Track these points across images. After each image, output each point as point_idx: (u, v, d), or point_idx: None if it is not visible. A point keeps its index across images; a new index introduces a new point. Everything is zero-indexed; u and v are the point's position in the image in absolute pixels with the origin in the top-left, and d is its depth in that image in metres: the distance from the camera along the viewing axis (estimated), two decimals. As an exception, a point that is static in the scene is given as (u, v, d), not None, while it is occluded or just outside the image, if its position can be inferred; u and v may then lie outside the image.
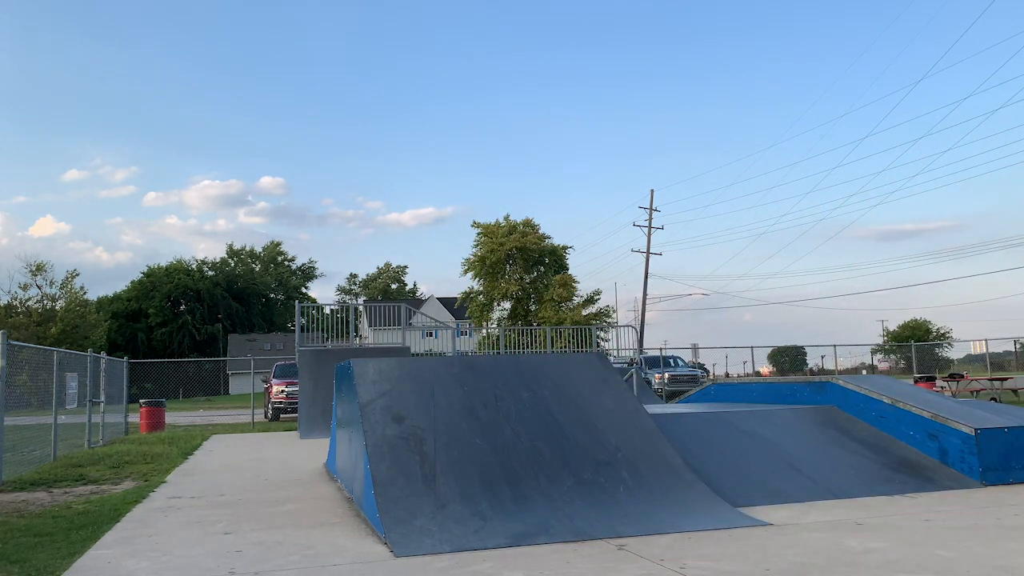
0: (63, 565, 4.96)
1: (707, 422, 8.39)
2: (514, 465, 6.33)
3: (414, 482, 5.96)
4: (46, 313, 47.26)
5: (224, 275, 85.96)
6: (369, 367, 7.35)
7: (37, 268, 48.41)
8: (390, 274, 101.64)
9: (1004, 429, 7.39)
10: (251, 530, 5.94)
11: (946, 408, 7.96)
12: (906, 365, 37.80)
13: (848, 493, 6.84)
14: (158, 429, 18.02)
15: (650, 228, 45.97)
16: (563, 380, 7.56)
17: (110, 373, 16.80)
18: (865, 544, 5.01)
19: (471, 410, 6.91)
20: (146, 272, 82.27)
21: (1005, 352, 39.72)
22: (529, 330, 27.88)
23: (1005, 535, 5.19)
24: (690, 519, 5.81)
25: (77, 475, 9.69)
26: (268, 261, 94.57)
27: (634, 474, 6.46)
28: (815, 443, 8.03)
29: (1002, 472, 7.26)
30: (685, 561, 4.68)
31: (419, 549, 5.10)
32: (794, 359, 55.32)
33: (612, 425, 7.06)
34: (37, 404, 12.41)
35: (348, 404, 7.61)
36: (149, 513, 6.86)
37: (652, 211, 46.09)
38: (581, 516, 5.75)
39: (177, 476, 9.50)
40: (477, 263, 53.65)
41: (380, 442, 6.34)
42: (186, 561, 5.00)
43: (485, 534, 5.40)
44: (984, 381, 21.36)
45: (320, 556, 5.04)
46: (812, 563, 4.57)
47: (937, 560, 4.58)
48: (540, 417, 6.98)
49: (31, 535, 5.94)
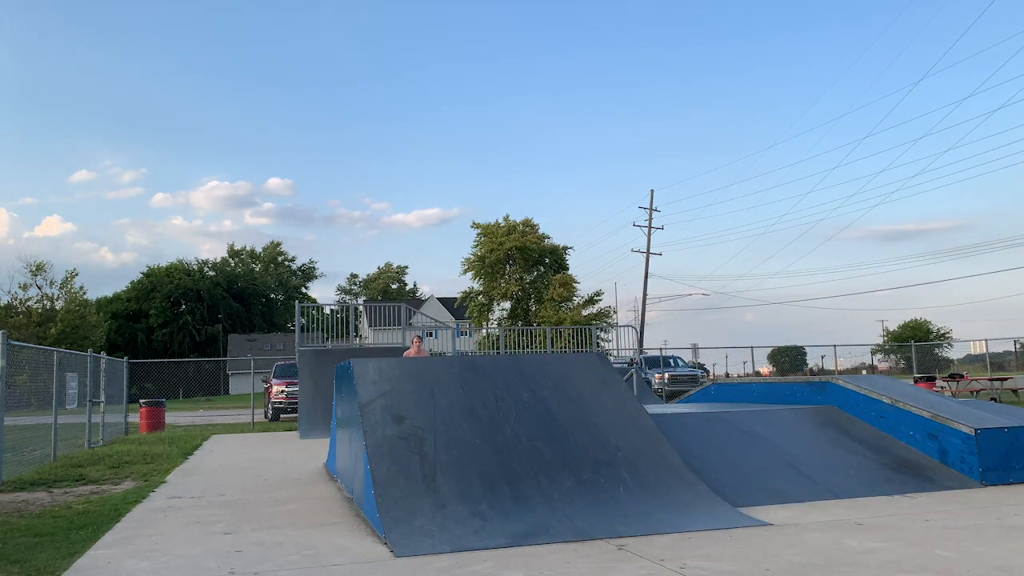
0: (63, 565, 4.96)
1: (707, 422, 8.39)
2: (514, 465, 6.33)
3: (414, 482, 5.96)
4: (46, 313, 47.25)
5: (224, 275, 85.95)
6: (369, 367, 7.35)
7: (37, 268, 48.44)
8: (390, 274, 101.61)
9: (1004, 429, 7.39)
10: (251, 530, 5.94)
11: (946, 408, 7.96)
12: (906, 365, 37.80)
13: (848, 493, 6.84)
14: (158, 429, 18.04)
15: (650, 228, 46.00)
16: (563, 380, 7.56)
17: (110, 373, 16.80)
18: (865, 544, 5.01)
19: (471, 410, 6.91)
20: (146, 272, 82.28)
21: (1005, 352, 39.75)
22: (529, 330, 27.85)
23: (1005, 535, 5.19)
24: (690, 519, 5.81)
25: (77, 475, 9.69)
26: (268, 261, 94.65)
27: (634, 474, 6.46)
28: (815, 443, 8.03)
29: (1002, 472, 7.26)
30: (685, 561, 4.68)
31: (419, 549, 5.10)
32: (794, 359, 55.41)
33: (612, 425, 7.06)
34: (37, 404, 12.41)
35: (348, 404, 7.62)
36: (149, 513, 6.86)
37: (652, 211, 46.12)
38: (581, 516, 5.75)
39: (177, 476, 9.51)
40: (477, 263, 53.74)
41: (380, 442, 6.34)
42: (186, 561, 4.99)
43: (485, 534, 5.40)
44: (984, 381, 21.36)
45: (320, 556, 5.04)
46: (812, 563, 4.57)
47: (937, 560, 4.57)
48: (540, 417, 6.98)
49: (31, 535, 5.94)
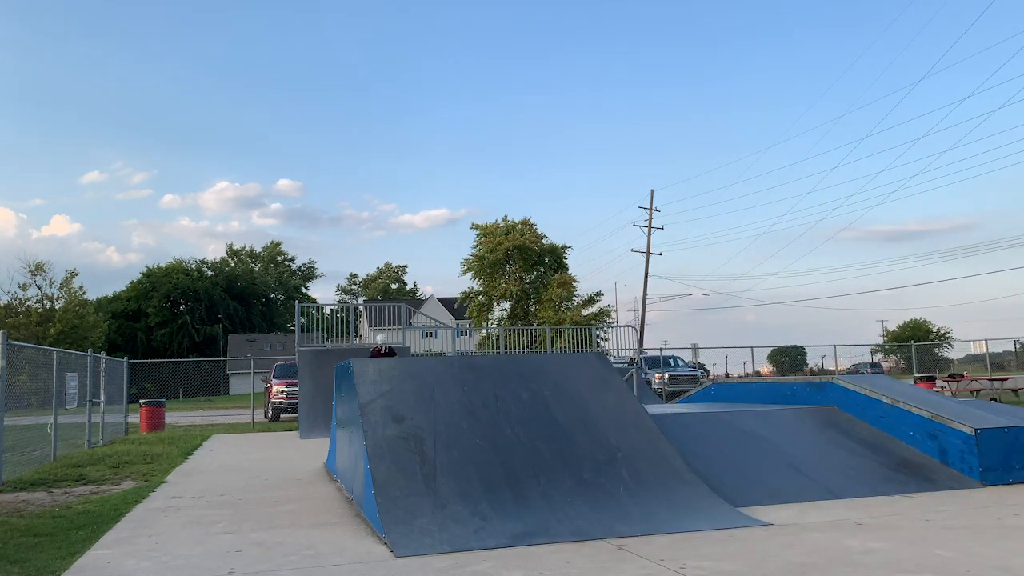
0: (63, 565, 4.96)
1: (707, 422, 8.39)
2: (514, 465, 6.33)
3: (414, 482, 5.96)
4: (46, 313, 47.20)
5: (224, 275, 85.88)
6: (369, 367, 7.35)
7: (36, 268, 48.36)
8: (390, 274, 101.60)
9: (1004, 429, 7.39)
10: (251, 530, 5.94)
11: (946, 408, 7.96)
12: (906, 365, 37.78)
13: (848, 493, 6.83)
14: (158, 429, 18.03)
15: (650, 228, 45.99)
16: (563, 380, 7.56)
17: (110, 373, 16.79)
18: (865, 544, 5.01)
19: (471, 410, 6.91)
20: (145, 272, 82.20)
21: (1005, 352, 39.70)
22: (529, 330, 27.83)
23: (1005, 535, 5.19)
24: (690, 519, 5.81)
25: (77, 475, 9.69)
26: (268, 261, 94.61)
27: (634, 474, 6.46)
28: (815, 443, 8.03)
29: (1002, 472, 7.26)
30: (685, 561, 4.68)
31: (419, 549, 5.10)
32: (794, 359, 55.32)
33: (612, 425, 7.06)
34: (37, 404, 12.40)
35: (348, 404, 7.61)
36: (149, 513, 6.86)
37: (652, 211, 46.10)
38: (581, 516, 5.75)
39: (177, 476, 9.50)
40: (476, 263, 53.67)
41: (380, 442, 6.34)
42: (186, 561, 5.00)
43: (485, 534, 5.39)
44: (984, 381, 21.38)
45: (320, 556, 5.04)
46: (812, 563, 4.57)
47: (937, 560, 4.57)
48: (540, 417, 6.98)
49: (31, 535, 5.94)
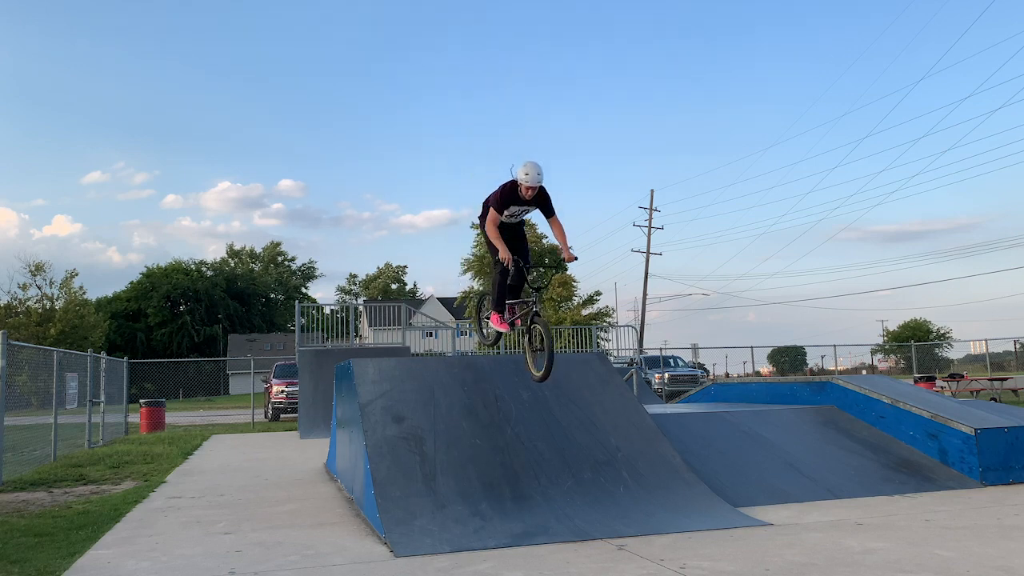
0: (63, 565, 4.96)
1: (707, 422, 8.39)
2: (514, 465, 6.33)
3: (414, 482, 5.96)
4: (46, 313, 47.19)
5: (224, 275, 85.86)
6: (369, 367, 7.35)
7: (36, 268, 48.36)
8: (390, 274, 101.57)
9: (1004, 429, 7.39)
10: (251, 530, 5.94)
11: (946, 408, 7.96)
12: (906, 365, 37.78)
13: (848, 493, 6.84)
14: (158, 429, 18.04)
15: (650, 228, 45.97)
16: (563, 380, 7.55)
17: (110, 373, 16.80)
18: (865, 544, 5.01)
19: (471, 410, 6.91)
20: (145, 272, 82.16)
21: (1005, 352, 39.69)
22: (529, 330, 27.74)
23: (1005, 535, 5.19)
24: (690, 519, 5.81)
25: (77, 475, 9.69)
26: (268, 261, 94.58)
27: (634, 474, 6.46)
28: (815, 443, 8.03)
29: (1002, 472, 7.26)
30: (685, 561, 4.68)
31: (419, 549, 5.10)
32: (794, 359, 55.30)
33: (612, 425, 7.06)
34: (37, 404, 12.41)
35: (348, 404, 7.61)
36: (149, 513, 6.85)
37: (652, 211, 46.10)
38: (581, 516, 5.75)
39: (177, 476, 9.50)
40: (476, 263, 53.72)
41: (380, 442, 6.34)
42: (186, 561, 5.00)
43: (485, 534, 5.40)
44: (984, 381, 21.35)
45: (320, 556, 5.04)
46: (812, 563, 4.57)
47: (937, 560, 4.58)
48: (540, 417, 6.98)
49: (31, 535, 5.94)
